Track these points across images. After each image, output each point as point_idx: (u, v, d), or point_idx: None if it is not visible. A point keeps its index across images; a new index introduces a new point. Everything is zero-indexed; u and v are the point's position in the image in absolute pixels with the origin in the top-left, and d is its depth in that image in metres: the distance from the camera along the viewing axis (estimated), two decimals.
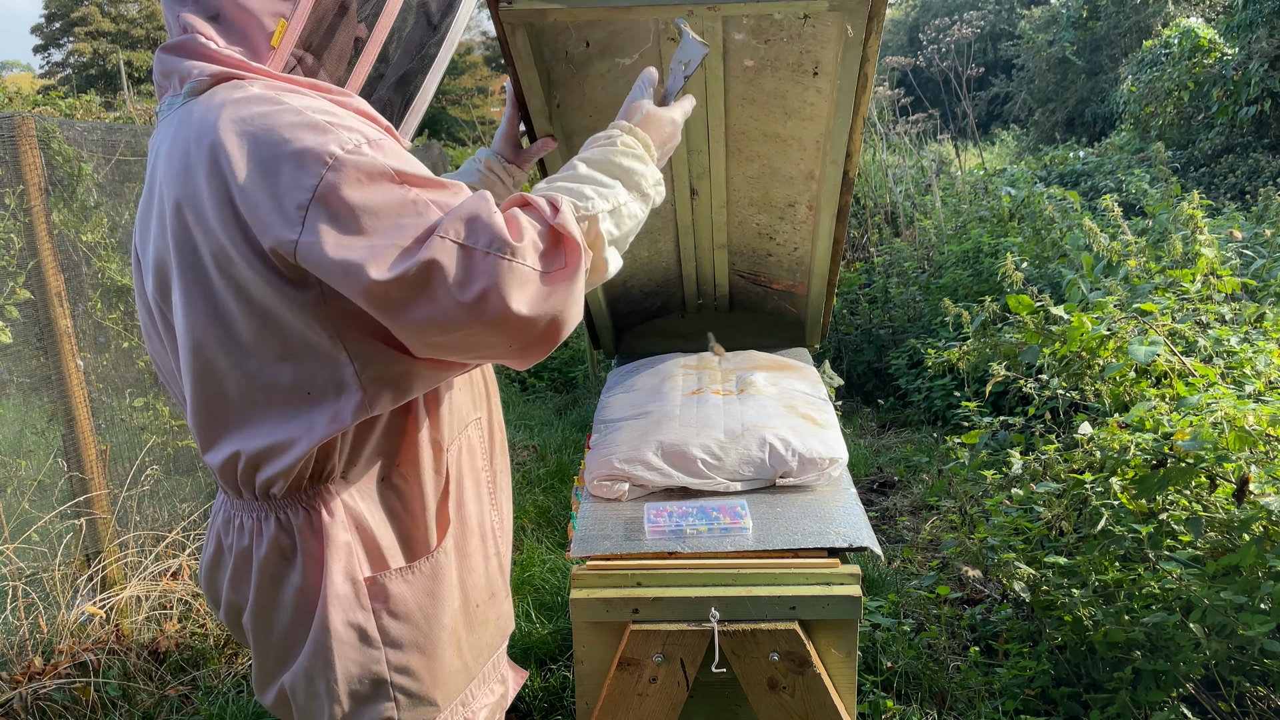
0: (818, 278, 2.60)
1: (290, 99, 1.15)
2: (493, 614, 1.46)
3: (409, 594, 1.31)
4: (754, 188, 2.46)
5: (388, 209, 1.09)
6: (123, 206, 3.50)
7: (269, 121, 1.11)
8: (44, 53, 37.06)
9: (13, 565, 2.95)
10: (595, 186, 1.26)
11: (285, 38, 1.22)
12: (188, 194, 1.15)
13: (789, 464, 1.80)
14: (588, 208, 1.22)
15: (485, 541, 1.45)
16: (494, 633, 1.47)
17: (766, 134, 2.26)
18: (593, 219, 1.22)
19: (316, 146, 1.09)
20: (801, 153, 2.27)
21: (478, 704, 1.44)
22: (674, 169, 2.37)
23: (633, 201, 1.29)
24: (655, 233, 2.64)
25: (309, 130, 1.10)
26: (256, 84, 1.19)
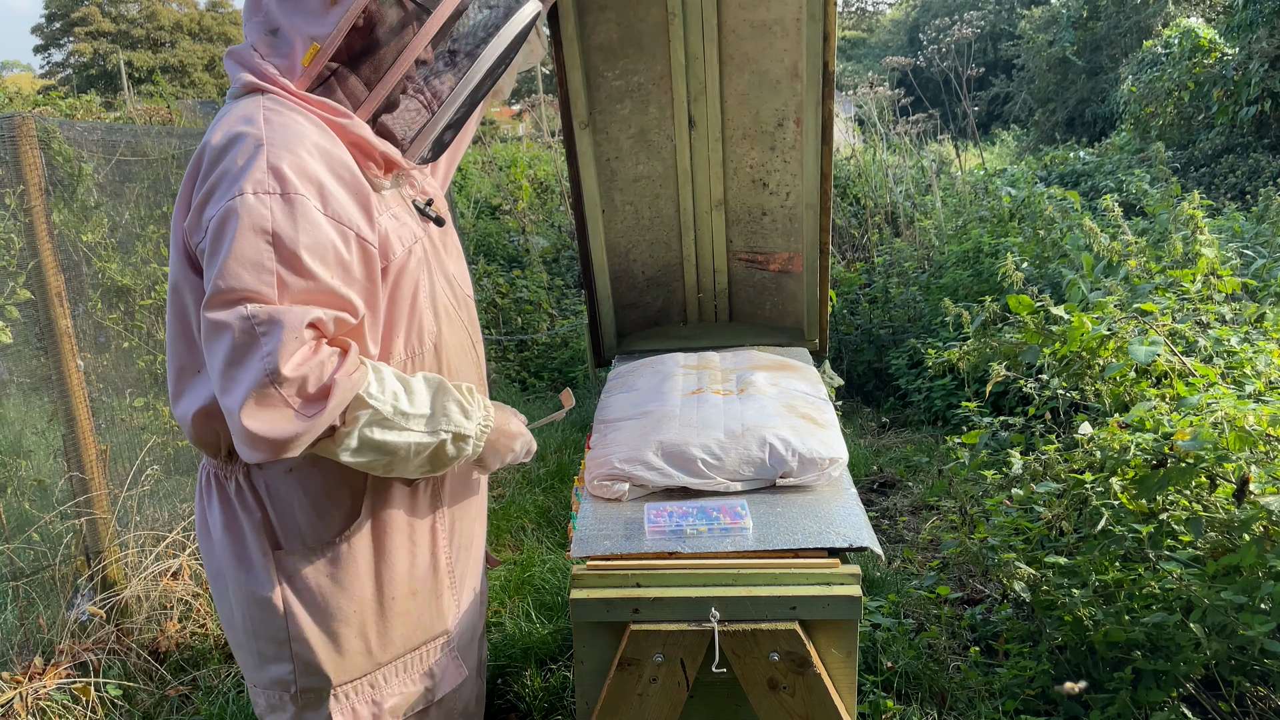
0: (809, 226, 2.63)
1: (282, 120, 1.34)
2: (414, 610, 1.56)
3: (310, 573, 1.47)
4: (745, 108, 2.60)
5: (240, 257, 1.26)
6: (123, 206, 3.50)
7: (239, 141, 1.32)
8: (44, 53, 37.06)
9: (13, 565, 2.95)
10: (405, 394, 1.38)
11: (315, 59, 1.40)
12: (189, 170, 1.39)
13: (789, 464, 1.80)
14: (370, 395, 1.33)
15: (414, 543, 1.56)
16: (414, 629, 1.57)
17: (754, 24, 2.44)
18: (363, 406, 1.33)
19: (242, 175, 1.28)
20: (785, 40, 2.46)
21: (388, 691, 1.55)
22: (674, 93, 2.57)
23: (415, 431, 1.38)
24: (656, 184, 2.73)
25: (250, 159, 1.29)
26: (269, 99, 1.38)
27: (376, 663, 1.54)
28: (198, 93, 29.04)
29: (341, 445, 1.35)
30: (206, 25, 34.79)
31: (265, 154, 1.29)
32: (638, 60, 2.60)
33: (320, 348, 1.30)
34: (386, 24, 1.42)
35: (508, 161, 10.32)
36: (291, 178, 1.30)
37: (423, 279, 1.54)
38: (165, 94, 13.28)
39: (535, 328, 7.01)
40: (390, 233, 1.47)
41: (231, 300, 1.26)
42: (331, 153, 1.37)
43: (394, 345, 1.50)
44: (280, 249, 1.27)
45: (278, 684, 1.51)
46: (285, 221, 1.28)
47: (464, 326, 1.68)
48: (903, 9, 37.43)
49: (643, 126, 2.69)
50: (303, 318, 1.26)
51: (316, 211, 1.32)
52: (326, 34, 1.38)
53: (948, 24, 10.49)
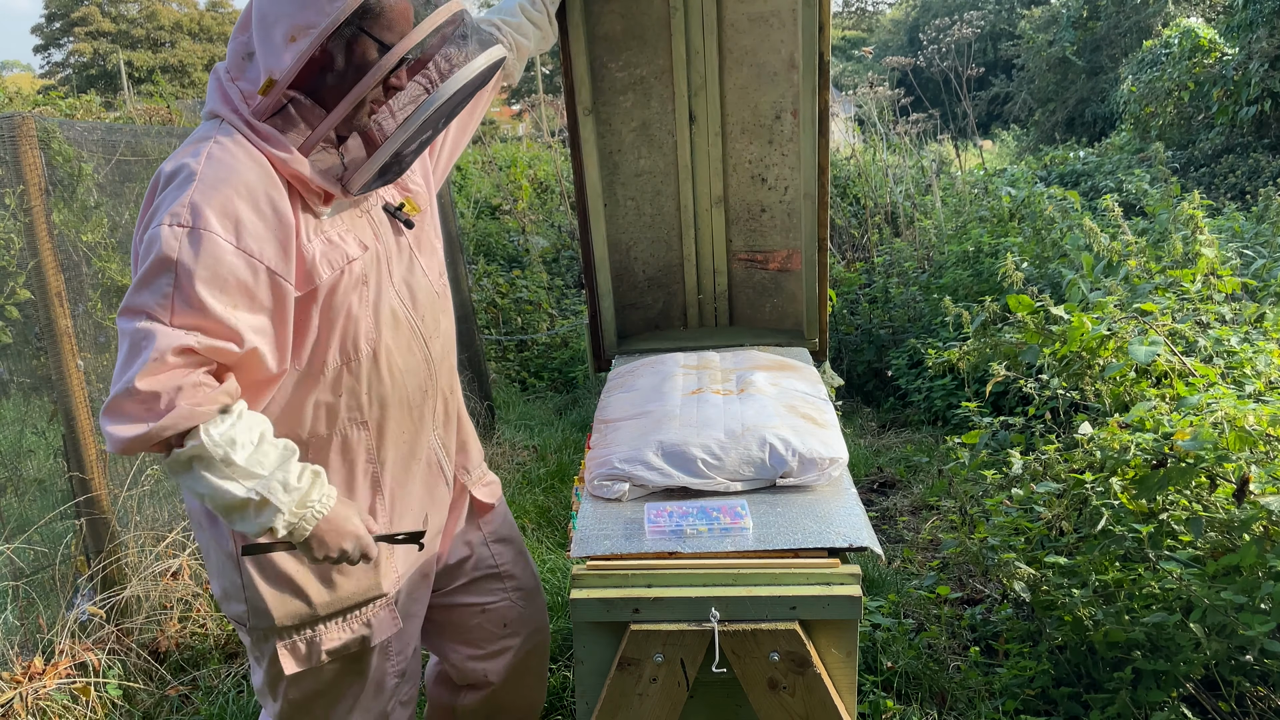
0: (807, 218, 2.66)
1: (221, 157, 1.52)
2: (354, 573, 1.76)
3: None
4: (744, 102, 2.67)
5: (147, 278, 1.47)
6: (123, 206, 3.50)
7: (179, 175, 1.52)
8: (44, 53, 37.05)
9: (13, 565, 2.95)
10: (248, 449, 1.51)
11: (270, 91, 1.54)
12: (147, 191, 1.59)
13: (789, 464, 1.80)
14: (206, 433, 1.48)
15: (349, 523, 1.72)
16: (353, 591, 1.77)
17: (751, 17, 2.54)
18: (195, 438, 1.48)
19: (166, 208, 1.49)
20: (781, 31, 2.55)
21: (327, 636, 1.77)
22: (675, 87, 2.64)
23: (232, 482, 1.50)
24: (658, 180, 2.78)
25: (178, 193, 1.49)
26: (224, 130, 1.56)
27: (316, 615, 1.76)
28: (198, 93, 29.03)
29: (167, 462, 1.52)
30: (206, 25, 34.80)
31: (192, 190, 1.48)
32: (640, 53, 2.64)
33: (189, 373, 1.47)
34: (339, 65, 1.55)
35: (508, 161, 10.32)
36: (208, 214, 1.48)
37: (362, 290, 1.69)
38: (165, 94, 13.27)
39: (535, 328, 7.01)
40: (319, 257, 1.62)
41: (132, 312, 1.48)
42: (259, 190, 1.53)
43: (327, 355, 1.67)
44: (178, 277, 1.46)
45: (236, 617, 1.79)
46: (188, 254, 1.46)
47: (414, 328, 1.81)
48: (903, 9, 37.43)
49: (645, 120, 2.73)
50: (172, 341, 1.45)
51: (225, 245, 1.49)
52: (283, 69, 1.52)
53: (947, 24, 10.49)
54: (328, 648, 1.78)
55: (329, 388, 1.69)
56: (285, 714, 1.83)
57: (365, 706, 1.87)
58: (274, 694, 1.83)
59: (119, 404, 1.45)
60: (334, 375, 1.68)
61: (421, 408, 1.85)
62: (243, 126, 1.55)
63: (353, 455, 1.75)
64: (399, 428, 1.80)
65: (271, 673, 1.79)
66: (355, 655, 1.83)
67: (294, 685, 1.80)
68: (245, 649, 1.92)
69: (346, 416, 1.72)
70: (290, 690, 1.80)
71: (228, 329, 1.50)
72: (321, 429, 1.71)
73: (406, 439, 1.83)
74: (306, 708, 1.84)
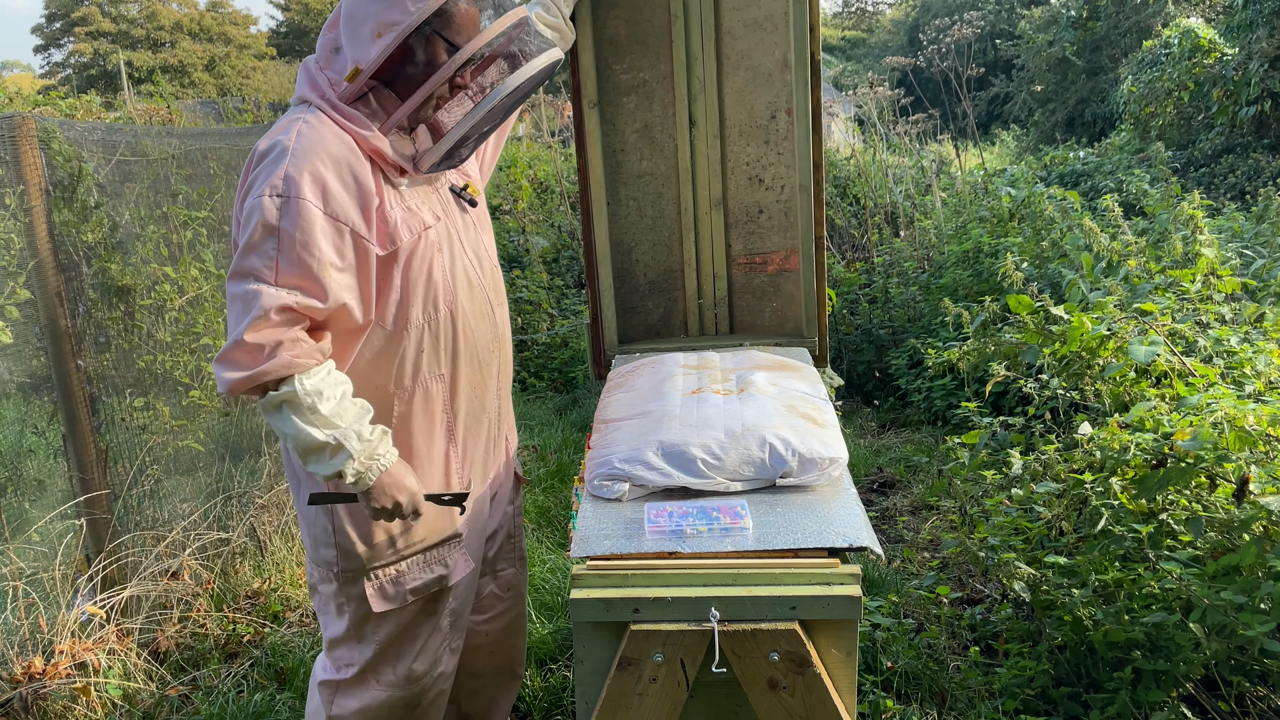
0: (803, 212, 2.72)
1: (310, 134, 1.71)
2: (430, 516, 1.93)
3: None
4: (741, 105, 2.76)
5: (252, 244, 1.68)
6: (123, 206, 3.50)
7: (274, 150, 1.71)
8: (44, 53, 37.07)
9: (13, 565, 2.95)
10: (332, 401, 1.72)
11: (355, 79, 1.74)
12: (244, 169, 1.78)
13: (789, 464, 1.80)
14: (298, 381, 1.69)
15: (429, 464, 1.95)
16: (430, 531, 1.96)
17: (747, 23, 2.67)
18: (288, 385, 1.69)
19: (264, 180, 1.69)
20: (775, 34, 2.67)
21: (410, 576, 1.95)
22: (675, 91, 2.74)
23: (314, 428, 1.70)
24: (659, 183, 2.85)
25: (273, 167, 1.69)
26: (312, 112, 1.75)
27: (400, 554, 1.94)
28: (198, 93, 29.06)
29: (262, 403, 1.72)
30: (206, 25, 34.80)
31: (286, 163, 1.68)
32: (643, 58, 2.75)
33: (289, 330, 1.68)
34: (419, 59, 1.74)
35: (508, 161, 10.32)
36: (301, 184, 1.67)
37: (438, 257, 1.89)
38: (165, 94, 13.28)
39: (535, 328, 7.01)
40: (400, 222, 1.81)
41: (241, 275, 1.68)
42: (343, 161, 1.72)
43: (410, 313, 1.86)
44: (280, 242, 1.67)
45: (325, 563, 1.95)
46: (287, 220, 1.67)
47: (485, 293, 2.02)
48: (903, 9, 37.43)
49: (647, 122, 2.80)
50: (276, 301, 1.66)
51: (316, 211, 1.68)
52: (368, 60, 1.72)
53: (947, 24, 10.49)
54: (411, 586, 1.95)
55: (414, 343, 1.88)
56: (373, 658, 1.98)
57: (432, 648, 2.03)
58: (360, 638, 1.98)
59: (230, 354, 1.67)
60: (417, 333, 1.87)
61: (489, 365, 2.05)
62: (328, 109, 1.75)
63: (432, 406, 1.94)
64: (469, 383, 2.00)
65: (358, 615, 1.95)
66: (434, 597, 1.99)
67: (380, 627, 1.96)
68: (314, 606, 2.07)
69: (427, 370, 1.91)
70: (376, 631, 1.96)
71: (321, 287, 1.70)
72: (406, 380, 1.90)
73: (477, 394, 2.02)
74: (390, 651, 1.99)
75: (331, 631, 2.01)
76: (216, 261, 3.79)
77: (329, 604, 1.99)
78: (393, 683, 2.00)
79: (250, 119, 12.40)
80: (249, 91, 27.81)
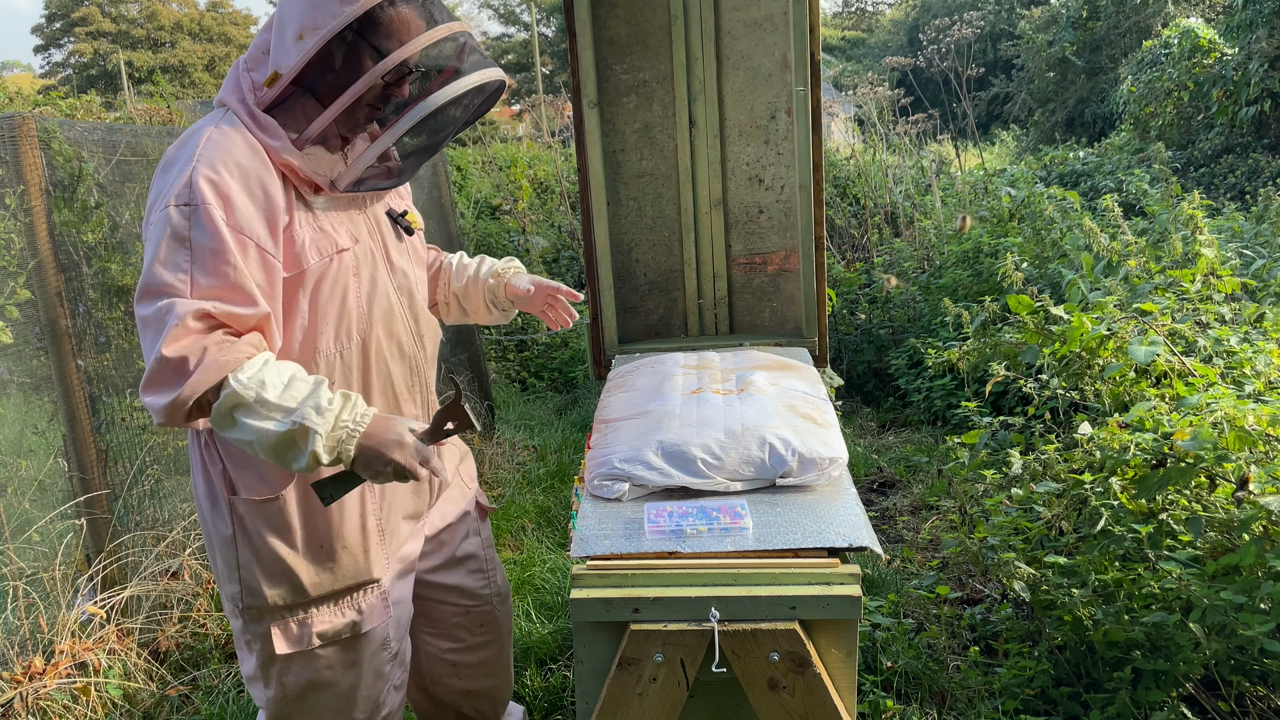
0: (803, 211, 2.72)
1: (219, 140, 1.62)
2: (344, 559, 1.83)
3: (253, 519, 1.78)
4: (741, 105, 2.77)
5: (162, 259, 1.56)
6: (123, 206, 3.50)
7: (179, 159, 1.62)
8: (44, 53, 37.06)
9: (13, 565, 2.95)
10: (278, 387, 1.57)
11: (274, 85, 1.65)
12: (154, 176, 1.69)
13: (789, 464, 1.80)
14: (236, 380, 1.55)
15: (340, 506, 1.80)
16: (343, 575, 1.83)
17: (746, 23, 2.69)
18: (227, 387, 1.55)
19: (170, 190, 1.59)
20: (775, 34, 2.69)
21: (318, 619, 1.83)
22: (675, 92, 2.75)
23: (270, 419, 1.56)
24: (659, 183, 2.85)
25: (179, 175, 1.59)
26: (227, 119, 1.66)
27: (308, 597, 1.81)
28: (198, 93, 29.04)
29: (213, 421, 1.58)
30: (206, 25, 34.80)
31: (191, 171, 1.58)
32: (643, 58, 2.76)
33: (209, 334, 1.55)
34: (338, 67, 1.65)
35: (507, 161, 10.32)
36: (205, 192, 1.57)
37: (353, 282, 1.77)
38: (165, 94, 13.27)
39: (535, 328, 7.01)
40: (308, 243, 1.70)
41: (151, 294, 1.56)
42: (250, 172, 1.62)
43: (319, 341, 1.75)
44: (192, 252, 1.57)
45: (231, 599, 1.84)
46: (197, 230, 1.56)
47: (408, 328, 1.89)
48: (903, 9, 37.42)
49: (647, 122, 2.81)
50: (190, 308, 1.54)
51: (220, 222, 1.57)
52: (288, 65, 1.62)
53: (947, 24, 10.49)
54: (318, 630, 1.83)
55: (322, 374, 1.76)
56: (278, 700, 1.86)
57: (361, 696, 1.90)
58: (266, 680, 1.85)
59: (152, 377, 1.54)
60: (327, 362, 1.76)
61: (409, 401, 1.91)
62: (244, 115, 1.66)
63: None
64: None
65: (264, 655, 1.83)
66: (348, 643, 1.86)
67: (287, 669, 1.84)
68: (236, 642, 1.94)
69: None
70: (284, 675, 1.84)
71: (244, 294, 1.59)
72: None
73: None
74: (301, 698, 1.86)
75: (245, 669, 1.91)
76: None
77: (239, 640, 1.89)
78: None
79: None
80: None
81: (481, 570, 2.19)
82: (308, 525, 1.80)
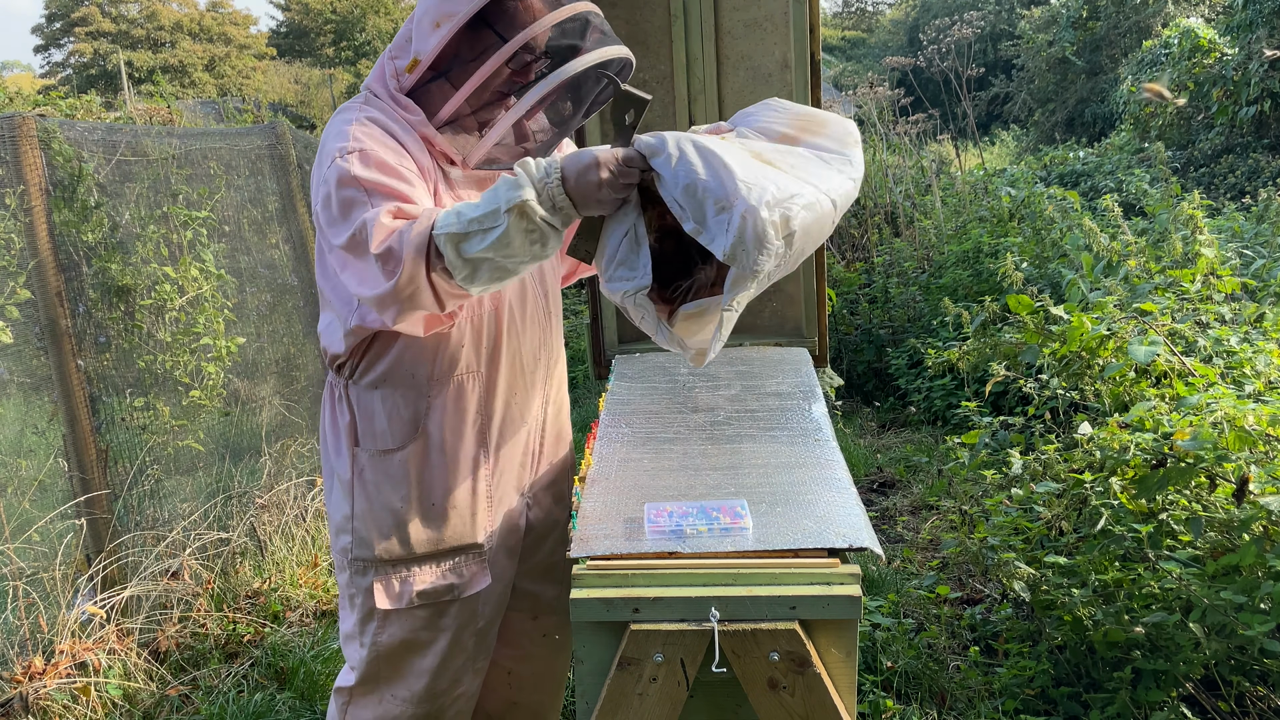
0: None
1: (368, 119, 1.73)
2: (453, 519, 1.88)
3: (372, 471, 1.86)
4: (740, 105, 2.71)
5: (343, 209, 1.65)
6: (123, 206, 3.50)
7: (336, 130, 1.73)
8: (44, 53, 37.05)
9: (13, 565, 2.95)
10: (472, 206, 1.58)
11: (414, 70, 1.75)
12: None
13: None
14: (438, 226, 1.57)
15: (455, 464, 1.87)
16: (449, 535, 1.89)
17: (746, 23, 2.68)
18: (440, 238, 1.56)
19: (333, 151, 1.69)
20: (775, 34, 2.68)
21: (420, 577, 1.88)
22: (675, 92, 2.75)
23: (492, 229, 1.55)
24: None
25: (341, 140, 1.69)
26: (369, 102, 1.79)
27: (414, 553, 1.87)
28: (198, 93, 29.05)
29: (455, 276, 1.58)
30: (206, 25, 34.79)
31: (347, 135, 1.69)
32: (643, 58, 2.73)
33: (396, 224, 1.60)
34: (473, 51, 1.72)
35: None
36: (367, 141, 1.68)
37: None
38: (165, 94, 13.28)
39: None
40: (448, 203, 1.77)
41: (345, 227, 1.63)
42: (397, 133, 1.73)
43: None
44: (365, 188, 1.64)
45: (341, 551, 1.92)
46: (361, 169, 1.65)
47: (539, 300, 1.98)
48: (903, 9, 37.40)
49: (647, 122, 2.75)
50: (379, 212, 1.60)
51: (382, 154, 1.67)
52: (426, 51, 1.72)
53: (947, 24, 10.49)
54: (419, 588, 1.88)
55: (453, 336, 1.82)
56: (369, 660, 1.91)
57: (445, 665, 1.93)
58: (362, 636, 1.91)
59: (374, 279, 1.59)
60: (458, 329, 1.82)
61: (535, 374, 1.98)
62: (386, 98, 1.78)
63: (464, 403, 1.87)
64: (509, 387, 1.92)
65: (364, 610, 1.89)
66: (442, 606, 1.91)
67: (384, 628, 1.90)
68: (337, 597, 2.03)
69: (464, 366, 1.85)
70: (380, 633, 1.90)
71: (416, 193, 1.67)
72: (441, 372, 1.84)
73: (517, 401, 1.94)
74: (391, 657, 1.91)
75: (344, 626, 1.98)
76: (216, 261, 3.79)
77: (344, 594, 1.96)
78: (407, 699, 1.93)
79: (250, 119, 12.41)
80: (249, 92, 27.81)
81: (559, 581, 2.17)
82: (424, 482, 1.87)
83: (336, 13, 35.94)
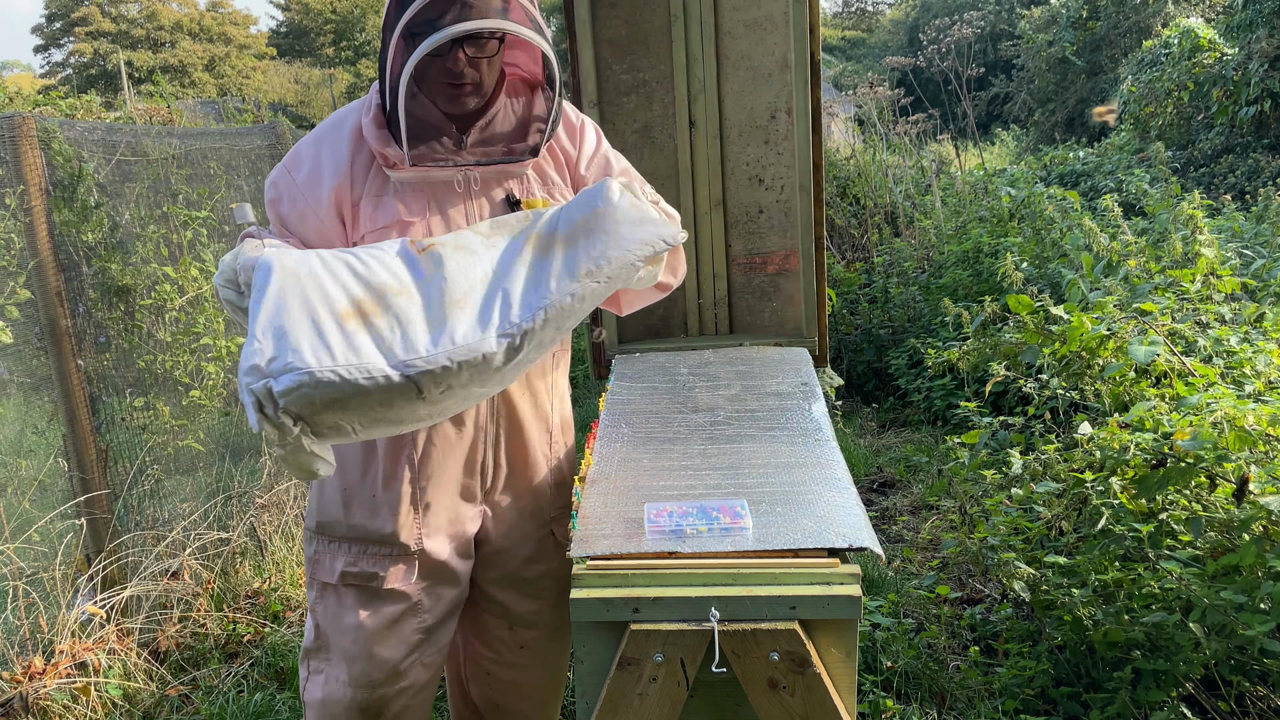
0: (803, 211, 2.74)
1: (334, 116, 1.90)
2: (382, 510, 1.91)
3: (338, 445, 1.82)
4: (741, 105, 2.78)
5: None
6: (123, 206, 3.50)
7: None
8: (44, 53, 37.06)
9: (13, 565, 2.95)
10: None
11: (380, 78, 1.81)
12: None
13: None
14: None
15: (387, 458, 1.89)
16: (377, 523, 1.91)
17: (746, 23, 2.70)
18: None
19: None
20: (775, 34, 2.70)
21: (344, 557, 1.93)
22: (675, 92, 2.77)
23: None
24: (659, 184, 2.84)
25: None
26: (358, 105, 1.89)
27: (342, 533, 1.94)
28: (198, 93, 29.04)
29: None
30: (206, 25, 34.79)
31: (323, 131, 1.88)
32: (644, 58, 2.76)
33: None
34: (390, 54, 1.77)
35: None
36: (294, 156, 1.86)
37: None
38: (165, 94, 13.28)
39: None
40: (370, 210, 1.84)
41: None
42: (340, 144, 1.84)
43: None
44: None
45: (306, 519, 2.02)
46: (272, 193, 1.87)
47: None
48: (903, 9, 37.40)
49: (647, 122, 2.81)
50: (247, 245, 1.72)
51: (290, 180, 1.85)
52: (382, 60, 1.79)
53: (947, 24, 10.49)
54: (343, 568, 1.95)
55: None
56: (312, 628, 2.00)
57: (378, 653, 1.95)
58: (311, 604, 2.00)
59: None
60: None
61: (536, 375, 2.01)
62: (373, 97, 1.85)
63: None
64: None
65: (309, 577, 2.00)
66: (373, 592, 1.94)
67: (321, 600, 1.97)
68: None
69: None
70: (318, 605, 1.98)
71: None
72: None
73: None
74: (327, 633, 1.97)
75: (309, 601, 2.05)
76: (216, 261, 3.79)
77: (308, 567, 2.04)
78: (345, 681, 1.95)
79: (250, 119, 12.40)
80: (249, 91, 27.81)
81: (536, 597, 2.13)
82: (365, 467, 1.92)
83: (336, 13, 35.95)
